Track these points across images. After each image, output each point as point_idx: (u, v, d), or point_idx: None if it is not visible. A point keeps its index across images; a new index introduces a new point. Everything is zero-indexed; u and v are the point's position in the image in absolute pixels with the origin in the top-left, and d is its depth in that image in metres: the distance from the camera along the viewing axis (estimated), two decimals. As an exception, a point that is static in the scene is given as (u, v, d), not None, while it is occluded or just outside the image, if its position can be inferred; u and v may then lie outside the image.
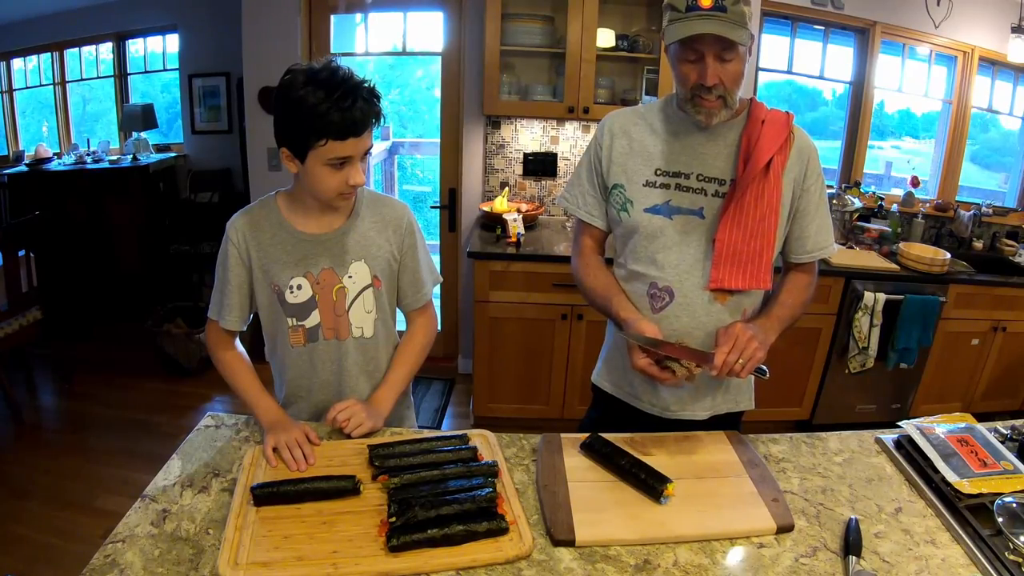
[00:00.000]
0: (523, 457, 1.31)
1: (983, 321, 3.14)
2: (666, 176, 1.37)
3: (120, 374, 3.65)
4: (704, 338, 1.39)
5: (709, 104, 1.27)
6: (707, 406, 1.46)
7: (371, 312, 1.43)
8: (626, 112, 1.46)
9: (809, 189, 1.38)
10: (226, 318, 1.39)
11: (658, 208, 1.37)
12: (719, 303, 1.38)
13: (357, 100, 1.19)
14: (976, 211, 3.55)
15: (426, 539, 1.02)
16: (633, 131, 1.42)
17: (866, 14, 3.44)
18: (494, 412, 3.11)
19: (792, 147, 1.34)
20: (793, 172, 1.35)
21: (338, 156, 1.22)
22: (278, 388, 1.50)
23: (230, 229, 1.36)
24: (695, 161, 1.36)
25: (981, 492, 1.17)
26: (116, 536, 1.06)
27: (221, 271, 1.39)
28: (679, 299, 1.38)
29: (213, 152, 4.58)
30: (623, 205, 1.41)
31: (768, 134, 1.31)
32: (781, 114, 1.35)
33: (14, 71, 4.79)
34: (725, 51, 1.22)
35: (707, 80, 1.23)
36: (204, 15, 4.29)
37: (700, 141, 1.36)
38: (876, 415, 3.22)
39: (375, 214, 1.42)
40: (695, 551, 1.07)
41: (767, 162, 1.30)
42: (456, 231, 3.65)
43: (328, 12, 3.40)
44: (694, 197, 1.36)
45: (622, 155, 1.41)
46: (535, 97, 3.19)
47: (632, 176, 1.40)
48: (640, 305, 1.42)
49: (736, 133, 1.35)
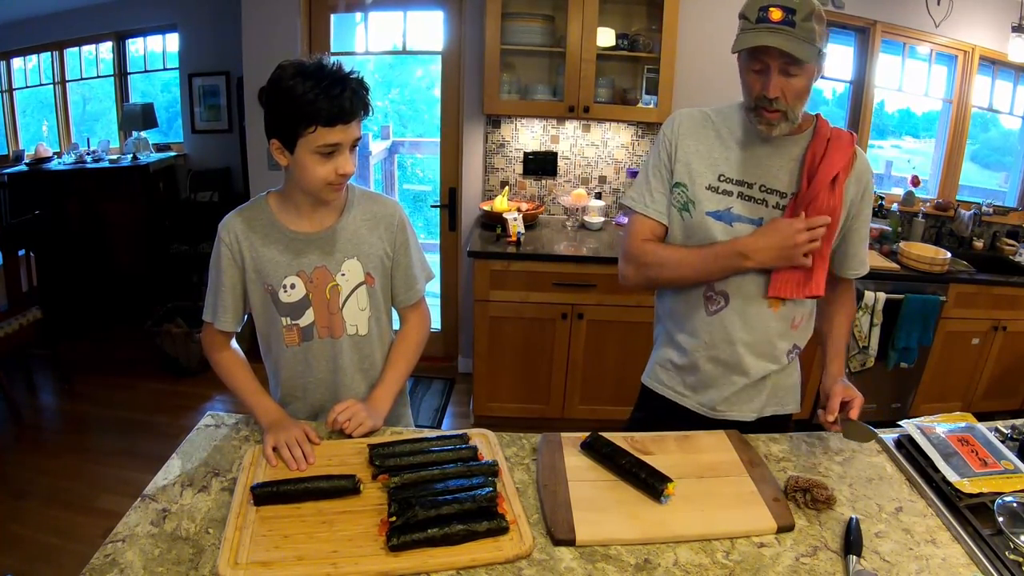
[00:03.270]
0: (523, 456, 1.31)
1: (983, 320, 3.14)
2: (730, 183, 1.38)
3: (120, 374, 3.65)
4: (753, 343, 1.41)
5: (770, 115, 1.28)
6: (754, 407, 1.48)
7: (365, 310, 1.43)
8: (694, 113, 1.45)
9: (863, 212, 1.41)
10: (220, 319, 1.39)
11: (720, 214, 1.38)
12: (772, 310, 1.40)
13: (346, 88, 1.20)
14: (976, 210, 3.55)
15: (426, 538, 1.02)
16: (701, 133, 1.42)
17: (866, 13, 3.43)
18: (494, 411, 3.11)
19: (854, 168, 1.36)
20: (851, 192, 1.37)
21: (327, 143, 1.22)
22: (273, 389, 1.50)
23: (222, 230, 1.36)
24: (759, 171, 1.37)
25: (981, 491, 1.17)
26: (116, 536, 1.05)
27: (214, 273, 1.39)
28: (733, 304, 1.40)
29: (213, 152, 4.58)
30: (684, 204, 1.41)
31: (834, 152, 1.32)
32: (845, 133, 1.36)
33: (14, 70, 4.79)
34: (790, 65, 1.22)
35: (769, 92, 1.24)
36: (204, 14, 4.29)
37: (766, 153, 1.36)
38: (876, 414, 3.21)
39: (367, 212, 1.42)
40: (695, 551, 1.07)
41: (832, 178, 1.31)
42: (456, 230, 3.65)
43: (328, 11, 3.39)
44: (755, 207, 1.36)
45: (688, 155, 1.41)
46: (535, 96, 3.19)
47: (696, 178, 1.40)
48: (694, 305, 1.44)
49: (800, 148, 1.35)
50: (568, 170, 3.47)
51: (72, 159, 4.36)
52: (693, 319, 1.45)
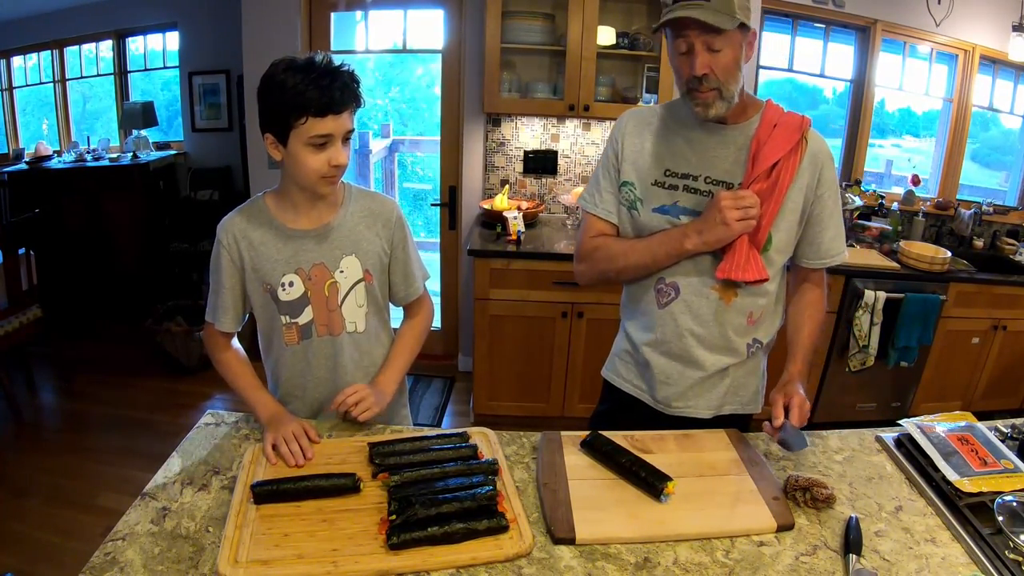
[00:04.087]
0: (523, 455, 1.31)
1: (983, 320, 3.14)
2: (675, 177, 1.37)
3: (120, 372, 3.65)
4: (704, 335, 1.39)
5: (703, 95, 1.26)
6: (711, 404, 1.46)
7: (363, 307, 1.44)
8: (642, 111, 1.46)
9: (823, 196, 1.37)
10: (221, 320, 1.40)
11: (666, 209, 1.37)
12: (724, 303, 1.38)
13: (336, 79, 1.22)
14: (976, 210, 3.55)
15: (426, 537, 1.02)
16: (646, 130, 1.42)
17: (867, 12, 3.43)
18: (494, 410, 3.11)
19: (805, 152, 1.33)
20: (805, 178, 1.34)
21: (319, 134, 1.23)
22: (273, 389, 1.50)
23: (220, 232, 1.37)
24: (704, 163, 1.36)
25: (981, 491, 1.17)
26: (116, 534, 1.06)
27: (214, 274, 1.40)
28: (684, 296, 1.39)
29: (213, 150, 4.58)
30: (632, 203, 1.41)
31: (778, 137, 1.30)
32: (796, 117, 1.34)
33: (14, 69, 4.79)
34: (713, 39, 1.21)
35: (696, 70, 1.23)
36: (204, 13, 4.29)
37: (712, 144, 1.35)
38: (876, 413, 3.22)
39: (363, 209, 1.43)
40: (695, 549, 1.07)
41: (772, 165, 1.29)
42: (456, 229, 3.64)
43: (328, 9, 3.39)
44: (701, 199, 1.35)
45: (634, 152, 1.41)
46: (535, 95, 3.19)
47: (642, 175, 1.40)
48: (646, 299, 1.44)
49: (747, 136, 1.34)
50: (568, 169, 3.47)
51: (72, 157, 4.36)
52: (646, 312, 1.45)
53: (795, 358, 1.40)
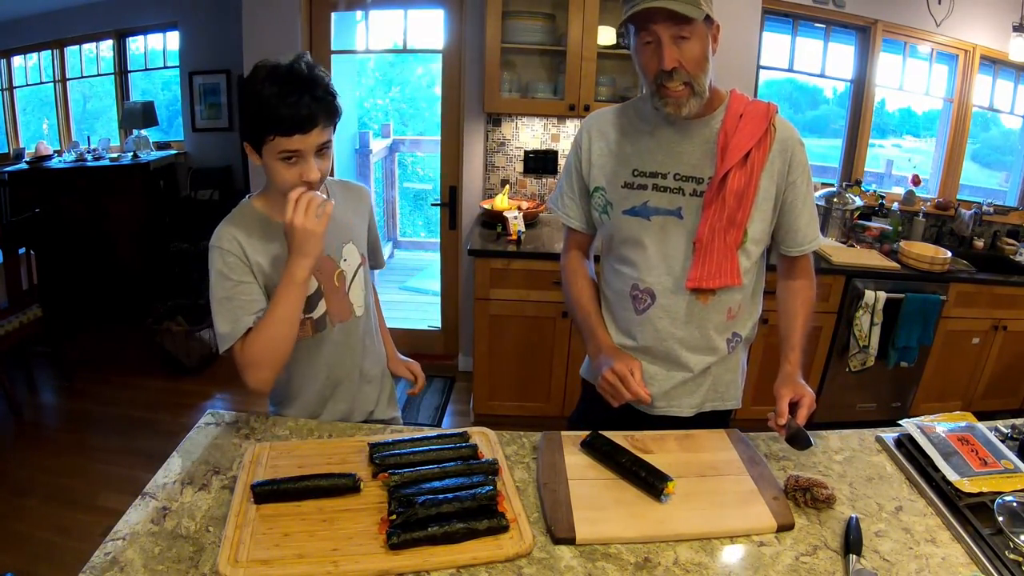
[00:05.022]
0: (523, 455, 1.31)
1: (984, 320, 3.14)
2: (644, 176, 1.35)
3: (120, 372, 3.66)
4: (686, 338, 1.39)
5: (675, 92, 1.23)
6: (694, 402, 1.46)
7: (363, 289, 1.48)
8: (605, 113, 1.44)
9: (795, 182, 1.35)
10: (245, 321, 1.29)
11: (636, 210, 1.36)
12: (701, 303, 1.37)
13: (304, 96, 1.17)
14: (977, 210, 3.55)
15: (426, 537, 1.02)
16: (611, 132, 1.40)
17: (867, 12, 3.43)
18: (494, 410, 3.11)
19: (774, 140, 1.31)
20: (776, 165, 1.33)
21: (287, 150, 1.20)
22: (283, 381, 1.45)
23: (220, 242, 1.28)
24: (672, 160, 1.34)
25: (981, 491, 1.17)
26: (116, 534, 1.06)
27: (223, 280, 1.27)
28: (660, 300, 1.38)
29: (213, 150, 4.58)
30: (604, 207, 1.41)
31: (746, 127, 1.28)
32: (762, 105, 1.31)
33: (14, 68, 4.79)
34: (681, 28, 1.18)
35: (665, 63, 1.20)
36: (204, 12, 4.29)
37: (677, 140, 1.33)
38: (876, 414, 3.21)
39: (348, 196, 1.48)
40: (695, 549, 1.07)
41: (744, 156, 1.27)
42: (456, 229, 3.64)
43: (328, 9, 3.39)
44: (672, 197, 1.34)
45: (601, 157, 1.40)
46: (536, 95, 3.19)
47: (611, 178, 1.38)
48: (623, 306, 1.43)
49: (713, 129, 1.32)
50: (568, 169, 3.47)
51: (72, 157, 4.36)
52: (625, 320, 1.44)
53: (794, 348, 1.40)
